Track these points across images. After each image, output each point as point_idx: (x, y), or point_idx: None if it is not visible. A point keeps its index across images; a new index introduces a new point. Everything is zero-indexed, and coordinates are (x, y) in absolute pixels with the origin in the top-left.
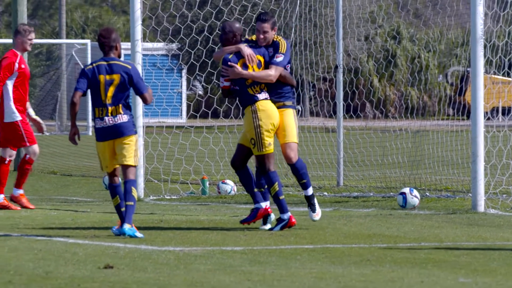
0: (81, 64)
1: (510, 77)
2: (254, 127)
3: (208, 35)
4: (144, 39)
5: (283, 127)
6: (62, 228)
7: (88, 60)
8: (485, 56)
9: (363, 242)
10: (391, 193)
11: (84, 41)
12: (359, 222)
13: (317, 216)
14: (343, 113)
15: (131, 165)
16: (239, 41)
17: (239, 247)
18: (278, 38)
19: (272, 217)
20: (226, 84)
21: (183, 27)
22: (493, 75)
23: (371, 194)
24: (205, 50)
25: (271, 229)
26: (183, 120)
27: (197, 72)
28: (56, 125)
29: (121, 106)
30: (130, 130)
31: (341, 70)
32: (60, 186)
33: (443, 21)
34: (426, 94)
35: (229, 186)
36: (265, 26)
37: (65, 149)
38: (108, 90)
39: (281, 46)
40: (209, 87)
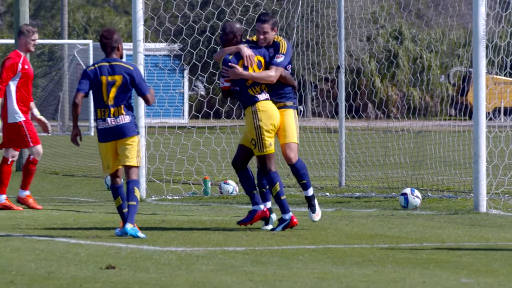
0: (83, 65)
1: None
2: (254, 127)
3: (210, 35)
4: (146, 39)
5: (283, 127)
6: (64, 229)
7: (90, 61)
8: (487, 56)
9: (365, 243)
10: (393, 193)
11: (86, 41)
12: (361, 223)
13: (317, 216)
14: (345, 113)
15: (133, 165)
16: (239, 41)
17: (241, 247)
18: (279, 38)
19: (273, 217)
20: (227, 84)
21: (185, 27)
22: (495, 76)
23: (373, 194)
24: (207, 51)
25: (273, 229)
26: (185, 120)
27: (199, 72)
28: (58, 125)
29: (123, 107)
30: (132, 130)
31: (343, 70)
32: (62, 186)
33: (445, 22)
34: (428, 94)
35: (231, 186)
36: (265, 27)
37: (67, 150)
38: (110, 91)
39: (282, 46)
40: (211, 87)
